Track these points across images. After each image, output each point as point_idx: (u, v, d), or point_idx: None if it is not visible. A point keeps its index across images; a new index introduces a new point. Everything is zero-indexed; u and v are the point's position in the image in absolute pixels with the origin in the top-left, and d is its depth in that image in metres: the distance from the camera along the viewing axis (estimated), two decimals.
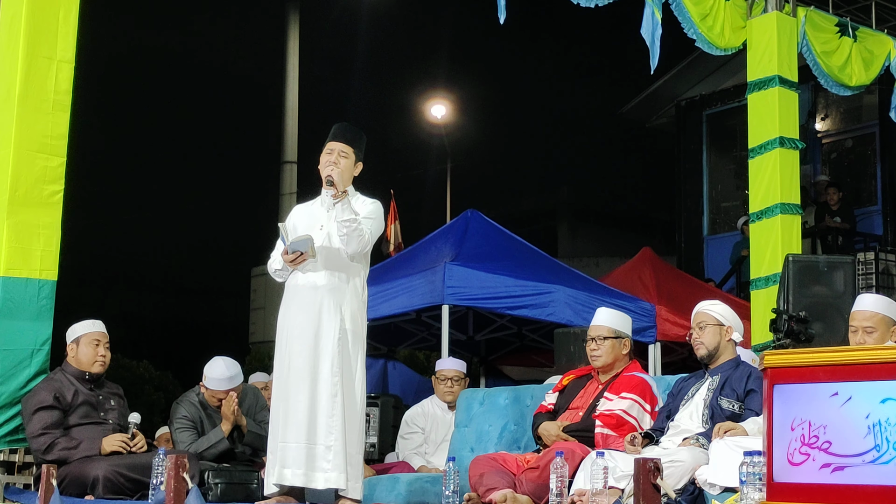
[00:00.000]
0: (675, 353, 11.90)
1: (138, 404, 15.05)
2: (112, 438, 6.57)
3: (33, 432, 6.50)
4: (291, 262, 5.90)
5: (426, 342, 12.11)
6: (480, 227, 10.70)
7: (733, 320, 6.02)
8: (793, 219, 10.02)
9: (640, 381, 6.29)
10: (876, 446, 3.97)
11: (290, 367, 5.88)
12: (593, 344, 6.44)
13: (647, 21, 9.39)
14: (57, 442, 6.46)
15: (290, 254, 5.87)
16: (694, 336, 6.01)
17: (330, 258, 5.95)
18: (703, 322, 5.98)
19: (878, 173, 15.44)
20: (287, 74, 21.00)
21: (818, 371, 4.23)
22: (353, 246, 5.88)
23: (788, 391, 4.27)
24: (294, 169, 21.20)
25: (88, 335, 6.80)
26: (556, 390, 6.61)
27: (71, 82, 7.16)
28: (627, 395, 6.20)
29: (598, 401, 6.28)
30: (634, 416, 6.12)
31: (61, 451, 6.44)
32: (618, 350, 6.43)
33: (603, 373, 6.45)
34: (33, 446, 6.54)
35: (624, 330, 6.51)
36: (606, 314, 6.61)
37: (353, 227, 5.84)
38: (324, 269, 5.93)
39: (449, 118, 26.50)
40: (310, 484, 5.75)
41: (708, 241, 16.88)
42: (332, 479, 5.73)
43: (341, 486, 5.73)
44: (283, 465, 5.78)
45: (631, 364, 6.47)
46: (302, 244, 5.83)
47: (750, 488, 4.43)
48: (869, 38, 11.11)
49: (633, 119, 18.94)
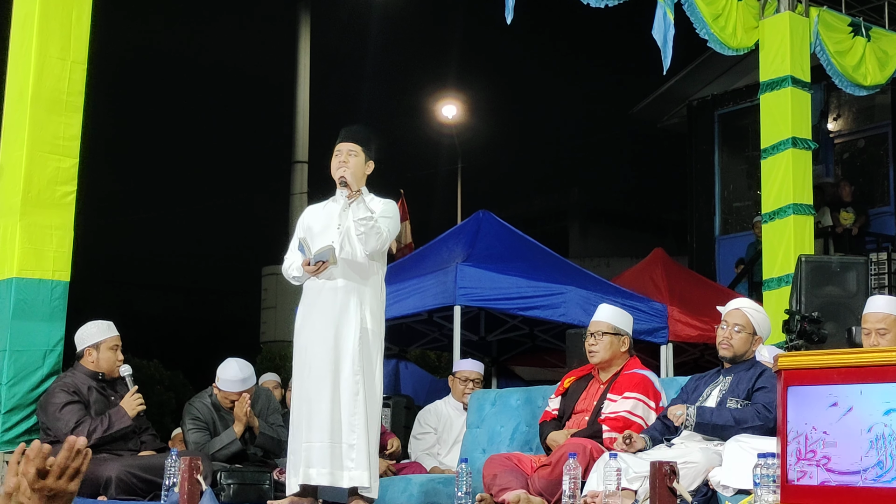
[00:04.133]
0: (686, 353, 11.88)
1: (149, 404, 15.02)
2: (129, 402, 6.60)
3: (68, 428, 6.46)
4: (314, 272, 5.90)
5: (438, 342, 12.11)
6: (492, 228, 10.69)
7: (766, 332, 5.94)
8: (805, 219, 10.00)
9: (641, 378, 6.25)
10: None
11: (312, 367, 5.88)
12: (591, 339, 6.40)
13: (659, 22, 9.37)
14: (94, 428, 6.47)
15: (312, 265, 5.87)
16: (724, 334, 5.88)
17: (348, 259, 5.95)
18: (739, 326, 5.86)
19: (890, 174, 15.40)
20: (298, 74, 21.00)
21: (832, 373, 4.23)
22: (372, 244, 5.88)
23: (803, 393, 4.26)
24: (305, 169, 21.19)
25: (108, 341, 6.80)
26: (558, 394, 6.58)
27: (83, 83, 7.17)
28: (630, 395, 6.17)
29: (602, 403, 6.25)
30: (640, 415, 6.10)
31: (101, 435, 6.46)
32: (616, 347, 6.40)
33: (602, 371, 6.42)
34: None
35: (623, 327, 6.47)
36: (607, 310, 6.58)
37: (371, 224, 5.84)
38: (343, 271, 5.93)
39: (460, 118, 26.50)
40: (336, 483, 5.76)
41: (720, 242, 16.84)
42: (357, 477, 5.74)
43: (365, 483, 5.74)
44: (309, 465, 5.78)
45: (630, 361, 6.42)
46: (324, 254, 5.85)
47: (764, 490, 4.42)
48: (882, 38, 11.08)
49: (644, 119, 18.91)
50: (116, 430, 6.53)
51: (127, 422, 6.58)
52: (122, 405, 6.62)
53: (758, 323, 5.89)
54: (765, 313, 6.03)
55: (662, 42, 9.33)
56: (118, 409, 6.60)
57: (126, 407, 6.61)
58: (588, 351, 6.43)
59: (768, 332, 6.00)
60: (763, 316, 5.97)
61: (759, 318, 5.91)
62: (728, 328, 5.88)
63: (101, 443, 6.47)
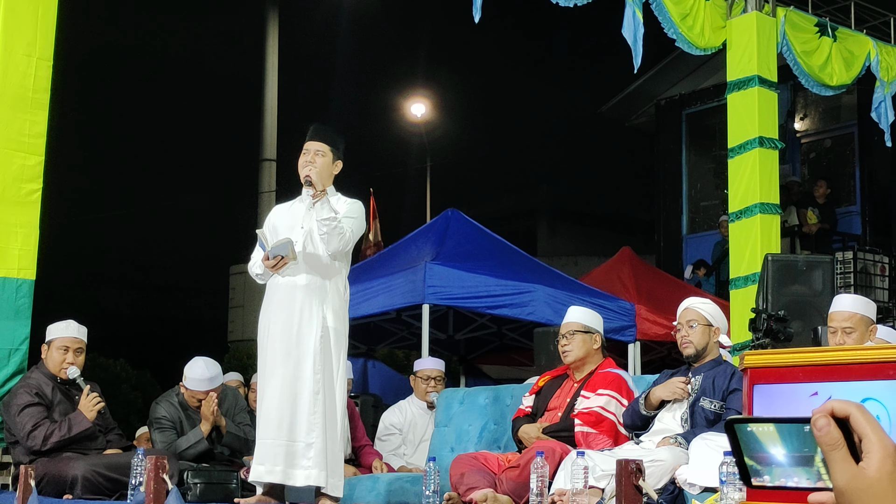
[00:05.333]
0: (654, 351, 11.95)
1: (115, 403, 15.00)
2: (86, 405, 6.55)
3: (25, 431, 6.42)
4: (273, 268, 5.89)
5: (406, 341, 12.11)
6: (461, 227, 10.71)
7: (721, 321, 6.02)
8: (772, 218, 10.05)
9: (615, 376, 6.29)
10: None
11: (272, 365, 5.87)
12: (564, 340, 6.43)
13: (629, 21, 9.40)
14: (51, 432, 6.43)
15: (270, 259, 5.85)
16: (682, 334, 5.95)
17: (311, 258, 5.94)
18: (693, 321, 5.93)
19: (856, 173, 15.51)
20: (266, 72, 20.95)
21: (798, 371, 4.25)
22: (334, 244, 5.87)
23: (768, 391, 4.28)
24: (273, 167, 21.14)
25: (59, 340, 6.73)
26: (533, 392, 6.61)
27: (49, 80, 7.13)
28: (604, 392, 6.20)
29: (576, 399, 6.28)
30: (612, 412, 6.13)
31: (58, 439, 6.42)
32: (588, 345, 6.42)
33: (577, 370, 6.44)
34: (28, 444, 6.44)
35: (594, 326, 6.51)
36: (576, 311, 6.64)
37: (334, 225, 5.83)
38: (305, 269, 5.92)
39: (429, 117, 26.49)
40: (288, 481, 5.75)
41: (687, 241, 16.91)
42: (313, 476, 5.73)
43: (321, 483, 5.73)
44: (260, 462, 5.77)
45: (605, 361, 6.47)
46: (282, 248, 5.82)
47: (730, 488, 4.44)
48: (848, 39, 11.15)
49: (612, 118, 18.96)
50: (76, 433, 6.48)
51: (86, 424, 6.52)
52: (79, 408, 6.56)
53: (710, 314, 5.97)
54: (714, 304, 6.13)
55: (633, 41, 9.37)
56: (77, 413, 6.55)
57: (84, 410, 6.55)
58: (562, 352, 6.45)
59: (724, 322, 6.06)
60: (713, 307, 6.05)
61: (710, 309, 6.00)
62: (683, 327, 5.96)
63: (63, 445, 6.43)
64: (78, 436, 6.50)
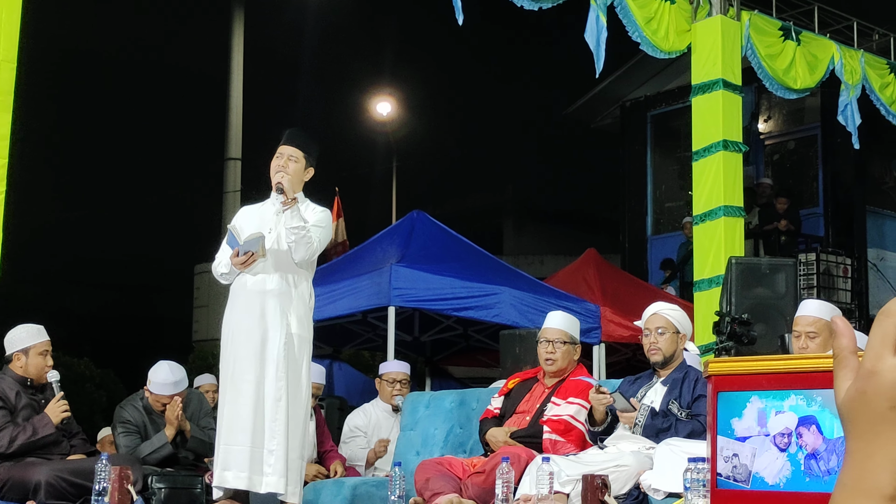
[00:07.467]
0: (619, 353, 11.98)
1: (79, 402, 14.90)
2: (53, 409, 6.51)
3: None
4: (242, 265, 5.85)
5: (372, 343, 12.11)
6: (426, 229, 10.72)
7: (688, 328, 6.05)
8: (736, 221, 10.10)
9: (586, 385, 6.29)
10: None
11: (235, 370, 5.85)
12: (550, 347, 6.39)
13: (592, 25, 9.43)
14: (16, 436, 6.38)
15: (241, 255, 5.82)
16: (651, 340, 5.96)
17: (277, 262, 5.92)
18: (662, 328, 5.95)
19: (819, 175, 15.60)
20: (231, 70, 20.88)
21: (761, 379, 4.28)
22: (301, 253, 5.85)
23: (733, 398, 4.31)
24: (238, 166, 21.08)
25: (37, 346, 6.70)
26: (502, 394, 6.61)
27: (13, 83, 7.07)
28: (575, 401, 6.20)
29: (546, 406, 6.29)
30: (581, 422, 6.14)
31: (24, 442, 6.37)
32: (571, 355, 6.45)
33: (551, 376, 6.46)
34: None
35: (577, 335, 6.56)
36: (561, 318, 6.61)
37: (302, 234, 5.81)
38: (271, 273, 5.90)
39: (394, 116, 26.46)
40: (253, 487, 5.73)
41: (652, 241, 16.98)
42: (272, 483, 5.72)
43: (280, 490, 5.72)
44: (225, 468, 5.75)
45: (577, 369, 6.49)
46: (254, 243, 5.79)
47: (694, 494, 4.47)
48: (812, 42, 11.22)
49: (578, 119, 19.01)
50: (40, 437, 6.44)
51: (51, 429, 6.49)
52: (46, 412, 6.53)
53: (678, 321, 6.00)
54: (681, 311, 6.15)
55: (595, 45, 9.40)
56: (42, 417, 6.51)
57: (50, 414, 6.52)
58: (545, 358, 6.41)
59: (690, 328, 6.10)
60: (681, 313, 6.08)
61: (678, 316, 6.02)
62: (652, 333, 5.97)
63: (28, 449, 6.39)
64: (43, 439, 6.46)
